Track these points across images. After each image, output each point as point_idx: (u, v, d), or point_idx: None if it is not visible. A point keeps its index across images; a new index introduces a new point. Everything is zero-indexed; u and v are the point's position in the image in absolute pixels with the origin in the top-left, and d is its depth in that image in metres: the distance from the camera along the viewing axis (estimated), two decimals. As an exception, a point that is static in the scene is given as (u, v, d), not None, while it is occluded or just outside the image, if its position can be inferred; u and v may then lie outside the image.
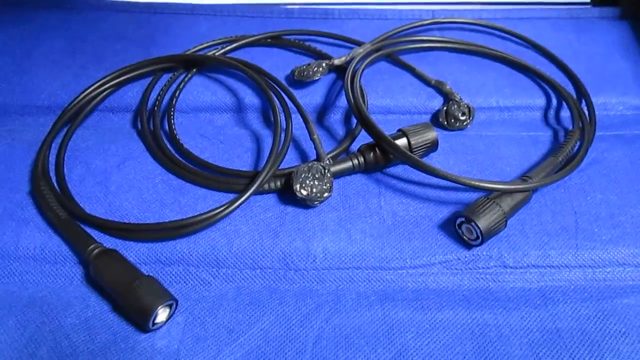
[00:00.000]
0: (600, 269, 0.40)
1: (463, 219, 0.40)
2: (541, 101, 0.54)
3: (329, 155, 0.45)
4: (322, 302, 0.38)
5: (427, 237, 0.42)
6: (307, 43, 0.58)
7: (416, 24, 0.60)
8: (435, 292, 0.39)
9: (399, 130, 0.46)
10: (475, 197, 0.42)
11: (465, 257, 0.41)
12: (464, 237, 0.41)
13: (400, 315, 0.37)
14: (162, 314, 0.36)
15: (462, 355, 0.35)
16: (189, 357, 0.35)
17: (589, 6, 0.67)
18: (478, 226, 0.39)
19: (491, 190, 0.42)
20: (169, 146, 0.48)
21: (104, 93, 0.52)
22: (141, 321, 0.36)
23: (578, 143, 0.48)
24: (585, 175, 0.46)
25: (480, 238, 0.40)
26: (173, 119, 0.50)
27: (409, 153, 0.43)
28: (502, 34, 0.61)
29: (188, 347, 0.35)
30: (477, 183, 0.41)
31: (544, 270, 0.40)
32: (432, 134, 0.46)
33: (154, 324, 0.36)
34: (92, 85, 0.51)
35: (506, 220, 0.40)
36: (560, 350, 0.35)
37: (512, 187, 0.41)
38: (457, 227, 0.41)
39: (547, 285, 0.40)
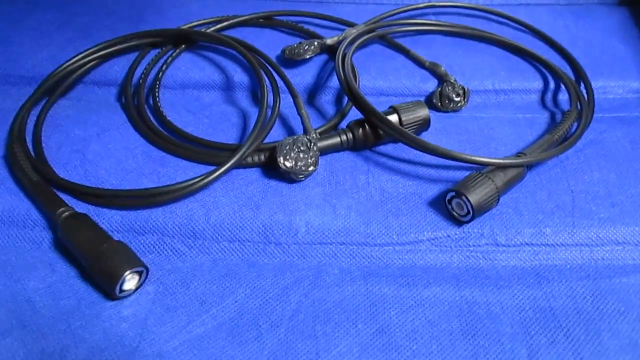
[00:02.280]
0: (598, 248, 0.38)
1: (453, 194, 0.38)
2: (538, 84, 0.52)
3: (316, 130, 0.43)
4: (302, 277, 0.36)
5: (415, 213, 0.40)
6: (300, 25, 0.57)
7: (411, 7, 0.58)
8: (423, 270, 0.37)
9: (390, 106, 0.45)
10: (467, 175, 0.40)
11: (456, 234, 0.38)
12: (454, 213, 0.39)
13: (384, 291, 0.35)
14: (130, 281, 0.34)
15: (448, 332, 0.33)
16: (157, 326, 0.33)
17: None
18: (469, 200, 0.37)
19: (484, 165, 0.40)
20: (151, 118, 0.46)
21: (89, 64, 0.51)
22: (108, 286, 0.34)
23: (575, 124, 0.46)
24: (583, 155, 0.45)
25: (471, 213, 0.38)
26: (158, 93, 0.48)
27: (399, 126, 0.41)
28: (499, 19, 0.60)
29: (156, 316, 0.33)
30: (468, 157, 0.39)
31: (538, 249, 0.38)
32: (424, 111, 0.44)
33: (121, 290, 0.34)
34: (76, 56, 0.50)
35: (499, 196, 0.38)
36: (554, 329, 0.33)
37: (506, 161, 0.40)
38: (447, 203, 0.39)
39: (542, 264, 0.38)
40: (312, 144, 0.41)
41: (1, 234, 0.38)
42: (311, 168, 0.40)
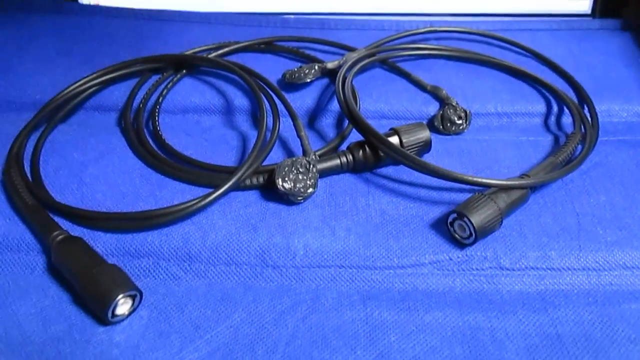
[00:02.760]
0: (606, 272, 0.37)
1: (455, 216, 0.37)
2: (541, 107, 0.52)
3: (315, 152, 0.43)
4: (299, 301, 0.35)
5: (417, 236, 0.39)
6: (300, 50, 0.57)
7: (412, 32, 0.58)
8: (424, 294, 0.36)
9: (391, 129, 0.44)
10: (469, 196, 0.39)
11: (458, 257, 0.37)
12: (456, 235, 0.38)
13: (384, 316, 0.34)
14: (123, 305, 0.33)
15: (451, 358, 0.32)
16: (149, 353, 0.32)
17: (589, 18, 0.66)
18: (471, 222, 0.36)
19: (486, 187, 0.39)
20: (150, 142, 0.46)
21: (90, 90, 0.51)
22: (100, 311, 0.33)
23: (580, 146, 0.46)
24: (588, 178, 0.44)
25: (474, 235, 0.37)
26: (158, 117, 0.48)
27: (399, 147, 0.40)
28: (500, 43, 0.60)
29: (149, 342, 0.32)
30: (470, 178, 0.38)
31: (543, 273, 0.37)
32: (426, 133, 0.44)
33: (114, 315, 0.33)
34: (77, 81, 0.50)
35: (502, 218, 0.37)
36: (561, 357, 0.32)
37: (509, 183, 0.39)
38: (449, 225, 0.38)
39: (547, 288, 0.36)
40: (312, 166, 0.40)
41: None
42: (310, 190, 0.39)
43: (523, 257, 0.38)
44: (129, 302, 0.34)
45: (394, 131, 0.44)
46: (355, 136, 0.45)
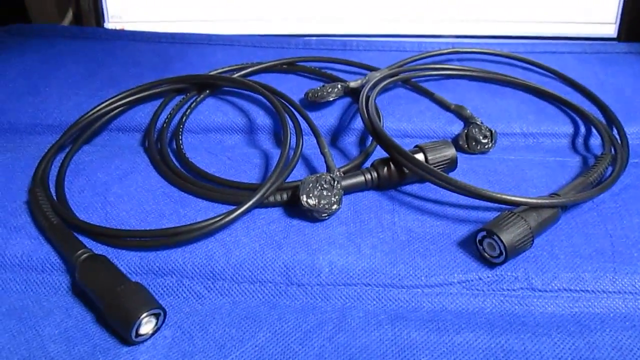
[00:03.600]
0: (643, 296, 0.35)
1: (484, 233, 0.36)
2: (568, 128, 0.51)
3: (340, 169, 0.42)
4: (325, 320, 0.34)
5: (444, 254, 0.38)
6: (323, 70, 0.57)
7: (435, 52, 0.58)
8: (454, 314, 0.35)
9: (416, 146, 0.44)
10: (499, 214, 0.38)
11: (488, 277, 0.36)
12: (486, 254, 0.37)
13: (413, 336, 0.33)
14: (147, 325, 0.33)
15: (485, 382, 0.30)
16: (173, 373, 0.31)
17: (615, 42, 0.65)
18: (501, 240, 0.35)
19: (516, 205, 0.38)
20: (173, 160, 0.46)
21: (114, 112, 0.51)
22: (124, 330, 0.32)
23: (610, 168, 0.45)
24: (620, 200, 0.43)
25: (504, 254, 0.36)
26: (181, 136, 0.48)
27: (425, 163, 0.40)
28: (524, 65, 0.60)
29: (173, 362, 0.32)
30: (500, 196, 0.37)
31: (577, 295, 0.36)
32: (451, 150, 0.43)
33: (137, 335, 0.32)
34: (102, 103, 0.51)
35: (533, 237, 0.36)
36: (600, 382, 0.30)
37: (540, 201, 0.38)
38: (477, 243, 0.37)
39: (582, 311, 0.35)
40: (336, 182, 0.40)
41: (20, 279, 0.37)
42: (335, 207, 0.39)
43: (555, 278, 0.36)
44: (153, 321, 0.33)
45: (419, 148, 0.43)
46: (379, 154, 0.44)
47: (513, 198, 0.37)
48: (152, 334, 0.33)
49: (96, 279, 0.34)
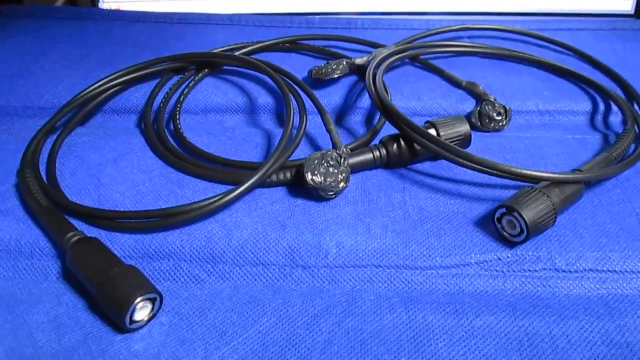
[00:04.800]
0: (676, 276, 0.33)
1: (504, 210, 0.34)
2: (586, 105, 0.48)
3: (346, 146, 0.40)
4: (333, 303, 0.31)
5: (460, 234, 0.35)
6: (327, 48, 0.55)
7: (444, 29, 0.56)
8: (472, 296, 0.32)
9: (427, 122, 0.41)
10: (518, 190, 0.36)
11: (508, 257, 0.34)
12: (505, 233, 0.34)
13: (429, 320, 0.30)
14: (142, 310, 0.30)
15: (508, 368, 0.28)
16: (170, 361, 0.29)
17: (632, 18, 0.62)
18: (522, 216, 0.33)
19: (537, 181, 0.35)
20: (170, 140, 0.43)
21: (109, 92, 0.49)
22: (117, 316, 0.30)
23: (633, 145, 0.42)
24: (645, 177, 0.40)
25: (525, 232, 0.33)
26: (179, 117, 0.46)
27: (437, 137, 0.37)
28: (538, 42, 0.57)
29: (170, 350, 0.29)
30: (520, 171, 0.35)
31: (604, 276, 0.33)
32: (465, 126, 0.41)
33: (132, 321, 0.30)
34: (96, 83, 0.48)
35: (555, 215, 0.34)
36: (634, 367, 0.28)
37: (563, 176, 0.35)
38: (496, 221, 0.35)
39: (610, 292, 0.32)
40: (343, 159, 0.37)
41: (7, 265, 0.34)
42: (342, 184, 0.36)
43: (580, 258, 0.34)
44: (148, 306, 0.31)
45: (431, 124, 0.41)
46: (386, 129, 0.42)
47: (534, 173, 0.35)
48: (148, 321, 0.31)
49: (88, 262, 0.32)
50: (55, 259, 0.35)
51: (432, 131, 0.40)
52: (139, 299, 0.30)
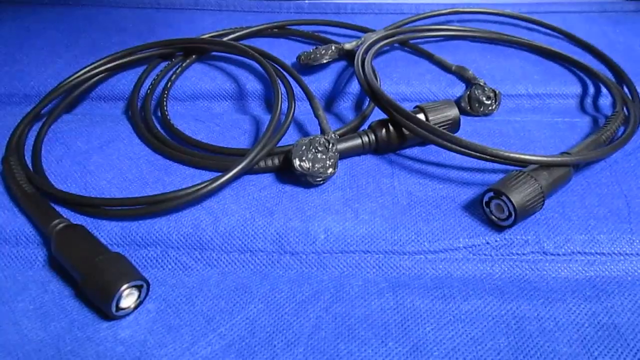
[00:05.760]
0: (663, 257, 0.33)
1: (492, 194, 0.34)
2: (576, 88, 0.48)
3: (335, 133, 0.39)
4: (321, 289, 0.31)
5: (448, 218, 0.35)
6: (316, 33, 0.54)
7: (434, 13, 0.55)
8: (460, 281, 0.32)
9: (416, 106, 0.41)
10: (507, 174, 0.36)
11: (496, 241, 0.34)
12: (493, 217, 0.34)
13: (417, 305, 0.30)
14: (128, 298, 0.30)
15: (495, 351, 0.28)
16: (157, 349, 0.28)
17: (622, 0, 0.62)
18: (510, 200, 0.32)
19: (525, 164, 0.35)
20: (158, 127, 0.43)
21: (95, 79, 0.48)
22: (104, 303, 0.30)
23: (622, 128, 0.42)
24: (634, 159, 0.40)
25: (513, 216, 0.33)
26: (166, 103, 0.46)
27: (426, 122, 0.37)
28: (528, 25, 0.57)
29: (157, 337, 0.29)
30: (508, 154, 0.34)
31: (592, 258, 0.33)
32: (454, 110, 0.41)
33: (118, 308, 0.30)
34: (82, 69, 0.47)
35: (544, 197, 0.34)
36: (620, 349, 0.28)
37: (551, 159, 0.35)
38: (484, 205, 0.34)
39: (598, 275, 0.33)
40: (331, 145, 0.37)
41: None
42: (330, 170, 0.36)
43: (568, 241, 0.34)
44: (135, 293, 0.30)
45: (420, 109, 0.40)
46: (375, 115, 0.41)
47: (522, 156, 0.35)
48: (135, 308, 0.31)
49: (73, 249, 0.32)
50: (41, 247, 0.34)
51: (421, 116, 0.40)
52: (124, 287, 0.29)
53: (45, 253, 0.34)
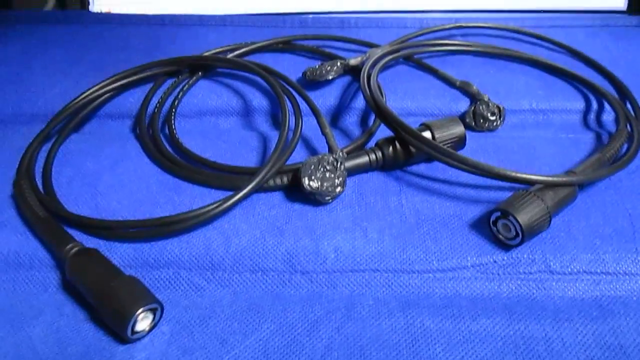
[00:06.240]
0: (668, 277, 0.33)
1: (499, 214, 0.34)
2: (579, 104, 0.49)
3: (342, 150, 0.40)
4: (333, 309, 0.32)
5: (456, 237, 0.36)
6: (321, 48, 0.55)
7: (438, 28, 0.56)
8: (469, 300, 0.33)
9: (422, 124, 0.41)
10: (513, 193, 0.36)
11: (503, 260, 0.34)
12: (500, 236, 0.35)
13: (427, 324, 0.31)
14: (143, 321, 0.31)
15: (505, 371, 0.28)
16: (172, 371, 0.29)
17: (625, 14, 0.63)
18: (517, 220, 0.33)
19: (531, 184, 0.36)
20: (166, 145, 0.44)
21: (103, 97, 0.49)
22: (119, 328, 0.30)
23: (626, 144, 0.43)
24: (637, 177, 0.41)
25: (520, 236, 0.33)
26: (174, 121, 0.46)
27: (432, 141, 0.38)
28: (531, 39, 0.57)
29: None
30: (514, 174, 0.35)
31: (598, 278, 0.34)
32: (460, 128, 0.41)
33: (134, 332, 0.30)
34: (90, 89, 0.48)
35: (550, 217, 0.34)
36: (627, 369, 0.29)
37: (557, 179, 0.36)
38: (491, 224, 0.35)
39: (604, 294, 0.33)
40: (339, 163, 0.37)
41: (7, 278, 0.34)
42: (338, 189, 0.37)
43: (575, 260, 0.34)
44: (150, 316, 0.31)
45: (426, 126, 0.41)
46: (382, 134, 0.42)
47: (529, 176, 0.35)
48: (149, 330, 0.31)
49: (88, 274, 0.32)
50: (55, 270, 0.35)
51: (427, 133, 0.40)
52: (139, 311, 0.30)
53: (59, 276, 0.35)
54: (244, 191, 0.36)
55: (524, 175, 0.35)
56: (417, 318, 0.31)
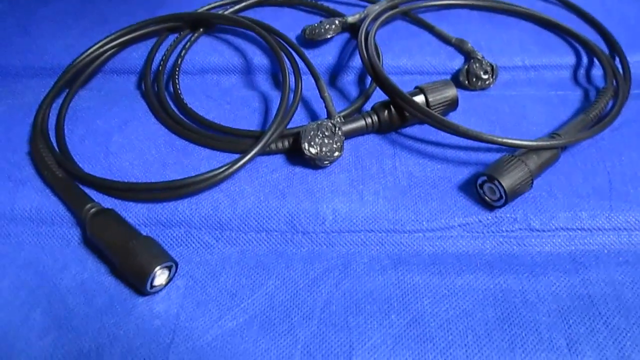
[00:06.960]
0: (637, 232, 0.37)
1: (485, 178, 0.37)
2: (570, 59, 0.50)
3: (340, 114, 0.42)
4: (331, 266, 0.35)
5: (445, 198, 0.38)
6: (319, 2, 0.55)
7: (435, -19, 0.56)
8: (454, 257, 0.36)
9: (416, 87, 0.43)
10: (499, 157, 0.39)
11: (487, 219, 0.37)
12: (486, 197, 0.38)
13: (416, 280, 0.34)
14: (160, 276, 0.34)
15: (484, 322, 0.32)
16: (189, 322, 0.33)
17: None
18: (501, 185, 0.36)
19: (516, 148, 0.38)
20: (172, 107, 0.45)
21: (107, 53, 0.50)
22: (139, 283, 0.33)
23: (611, 102, 0.45)
24: (619, 135, 0.43)
25: (504, 198, 0.36)
26: (178, 80, 0.48)
27: (426, 108, 0.40)
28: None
29: (188, 311, 0.33)
30: (500, 139, 0.37)
31: (574, 234, 0.37)
32: (452, 91, 0.43)
33: (152, 286, 0.34)
34: (94, 45, 0.49)
35: (532, 180, 0.37)
36: (592, 318, 0.32)
37: (540, 143, 0.38)
38: (478, 187, 0.38)
39: (578, 249, 0.36)
40: (337, 129, 0.40)
41: (31, 232, 0.38)
42: (336, 154, 0.39)
43: (553, 218, 0.37)
44: (166, 272, 0.34)
45: (420, 90, 0.43)
46: (379, 94, 0.44)
47: (514, 141, 0.37)
48: (166, 284, 0.34)
49: (107, 234, 0.35)
50: (75, 226, 0.38)
51: (421, 97, 0.42)
52: (157, 268, 0.33)
53: (79, 232, 0.38)
54: (249, 155, 0.38)
55: (510, 141, 0.37)
56: (407, 274, 0.35)
